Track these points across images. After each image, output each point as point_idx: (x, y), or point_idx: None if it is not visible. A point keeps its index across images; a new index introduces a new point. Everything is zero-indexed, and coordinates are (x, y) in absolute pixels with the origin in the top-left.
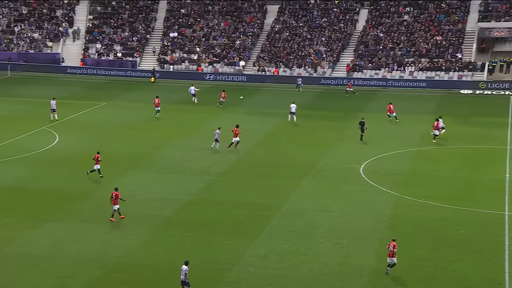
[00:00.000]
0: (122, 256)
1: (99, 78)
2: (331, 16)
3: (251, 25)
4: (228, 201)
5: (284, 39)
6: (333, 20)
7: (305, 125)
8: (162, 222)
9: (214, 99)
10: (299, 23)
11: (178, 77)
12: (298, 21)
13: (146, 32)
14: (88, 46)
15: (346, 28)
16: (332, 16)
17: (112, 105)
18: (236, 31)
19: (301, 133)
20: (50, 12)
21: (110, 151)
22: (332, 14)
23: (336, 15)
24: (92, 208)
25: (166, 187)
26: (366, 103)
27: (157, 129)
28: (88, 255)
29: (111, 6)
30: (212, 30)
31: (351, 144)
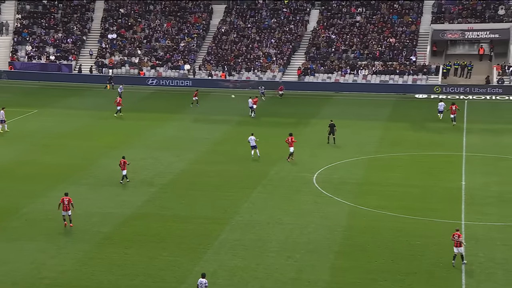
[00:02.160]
0: (56, 277)
1: (30, 83)
2: (280, 16)
3: (196, 26)
4: (173, 214)
5: (232, 41)
6: (283, 21)
7: (256, 132)
8: (101, 238)
9: (156, 105)
10: (247, 24)
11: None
12: (246, 21)
13: (82, 33)
14: (16, 48)
15: (296, 30)
16: (282, 17)
17: (45, 112)
18: (180, 33)
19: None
20: None
21: (41, 163)
22: (282, 15)
23: (286, 15)
24: (21, 226)
25: (105, 200)
26: (319, 109)
27: (94, 138)
28: (17, 277)
29: (42, 5)
30: (154, 32)
31: (304, 152)
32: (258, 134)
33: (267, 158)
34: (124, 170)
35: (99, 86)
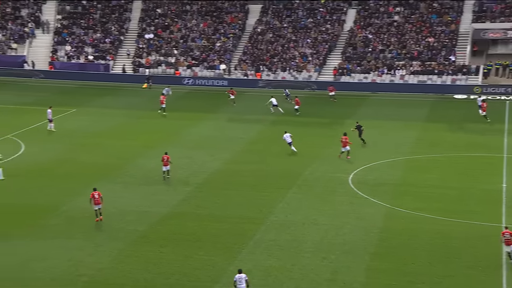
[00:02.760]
0: (93, 275)
1: (69, 82)
2: (317, 16)
3: (232, 26)
4: (208, 214)
5: (268, 40)
6: (320, 20)
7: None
8: (137, 237)
9: (192, 105)
10: (283, 24)
11: (157, 82)
12: (282, 21)
13: (119, 33)
14: (56, 48)
15: (333, 29)
16: (318, 17)
17: (83, 111)
18: (216, 33)
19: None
20: (15, 11)
21: (79, 161)
22: (318, 15)
23: (323, 15)
24: (60, 223)
25: (141, 199)
26: (355, 109)
27: (130, 138)
28: (56, 274)
29: (82, 6)
30: (191, 32)
31: (338, 153)
32: (293, 134)
33: (302, 158)
34: (166, 166)
35: (136, 86)
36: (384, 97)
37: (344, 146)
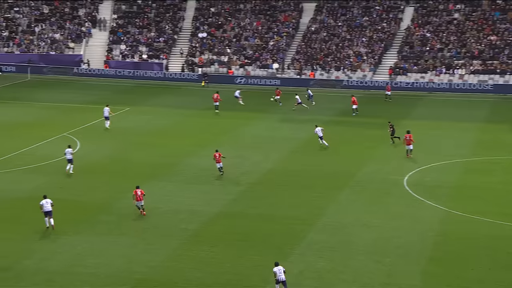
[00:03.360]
0: (146, 272)
1: (124, 81)
2: (373, 14)
3: (286, 25)
4: (260, 214)
5: (322, 39)
6: (375, 19)
7: (343, 133)
8: (188, 236)
9: (245, 104)
10: (338, 23)
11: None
12: (336, 20)
13: (173, 32)
14: (111, 47)
15: (389, 28)
16: (374, 15)
17: (136, 110)
18: (270, 31)
19: (339, 142)
20: (73, 11)
21: (132, 160)
22: (374, 13)
23: (379, 13)
24: (114, 220)
25: (192, 198)
26: (411, 109)
27: (183, 137)
28: (110, 270)
29: (137, 5)
30: (244, 30)
31: (394, 154)
32: (345, 135)
33: (356, 159)
34: (219, 162)
35: (190, 85)
36: (441, 97)
37: (408, 145)
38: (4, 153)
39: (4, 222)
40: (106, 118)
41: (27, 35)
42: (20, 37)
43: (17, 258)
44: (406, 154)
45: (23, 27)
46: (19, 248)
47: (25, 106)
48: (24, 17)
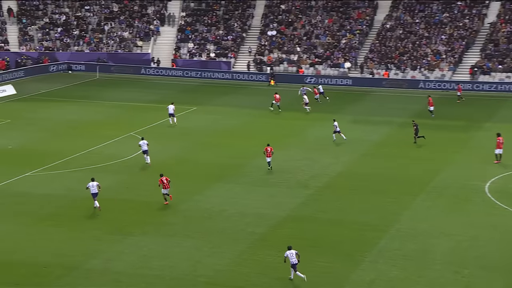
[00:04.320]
0: (212, 276)
1: (191, 80)
2: (454, 10)
3: (359, 22)
4: (329, 218)
5: (397, 37)
6: (456, 15)
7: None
8: (255, 240)
9: (316, 105)
10: (415, 19)
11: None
12: (414, 17)
13: (242, 30)
14: (179, 45)
15: (471, 24)
16: (455, 11)
17: (203, 110)
18: (342, 29)
19: (414, 145)
20: (141, 9)
21: (198, 161)
22: (455, 9)
23: (460, 9)
24: (179, 222)
25: (259, 201)
26: (494, 111)
27: (250, 137)
28: (175, 273)
29: (206, 2)
30: (315, 28)
31: (475, 159)
32: (422, 139)
33: (433, 163)
34: (269, 157)
35: (258, 84)
36: None
37: (498, 148)
38: (72, 152)
39: (73, 221)
40: (171, 115)
41: (97, 34)
42: (90, 35)
43: (85, 258)
44: (495, 159)
45: (93, 26)
46: (87, 248)
47: (93, 105)
48: (94, 16)
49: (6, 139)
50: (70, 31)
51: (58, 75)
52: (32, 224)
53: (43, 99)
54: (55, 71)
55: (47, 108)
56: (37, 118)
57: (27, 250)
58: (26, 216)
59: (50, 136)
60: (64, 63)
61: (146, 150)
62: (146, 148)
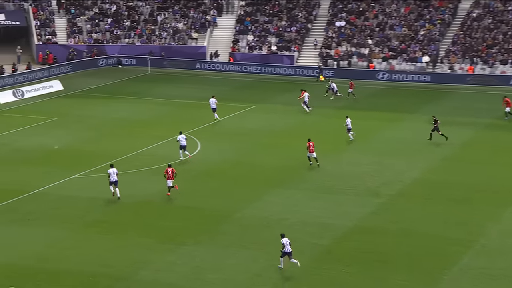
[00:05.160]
0: None
1: (249, 76)
2: None
3: (441, 11)
4: (402, 230)
5: (485, 27)
6: None
7: (507, 139)
8: (319, 252)
9: (387, 103)
10: (508, 7)
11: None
12: (506, 4)
13: (307, 20)
14: (238, 37)
15: None
16: None
17: (262, 108)
18: (420, 19)
19: (506, 149)
20: None
21: (255, 164)
22: None
23: None
24: (235, 231)
25: (323, 210)
26: None
27: (313, 138)
28: (231, 287)
29: None
30: (389, 18)
31: None
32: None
33: None
34: (312, 152)
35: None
36: None
37: None
38: (121, 153)
39: (120, 228)
40: (214, 109)
41: (149, 25)
42: (141, 27)
43: (133, 268)
44: None
45: (145, 16)
46: (136, 257)
47: (144, 102)
48: (146, 5)
49: (53, 139)
50: (121, 22)
51: (107, 70)
52: (78, 230)
53: (91, 95)
54: (104, 65)
55: (95, 105)
56: (85, 115)
57: (73, 258)
58: (72, 222)
59: (97, 136)
60: (113, 57)
61: (184, 145)
62: (185, 143)
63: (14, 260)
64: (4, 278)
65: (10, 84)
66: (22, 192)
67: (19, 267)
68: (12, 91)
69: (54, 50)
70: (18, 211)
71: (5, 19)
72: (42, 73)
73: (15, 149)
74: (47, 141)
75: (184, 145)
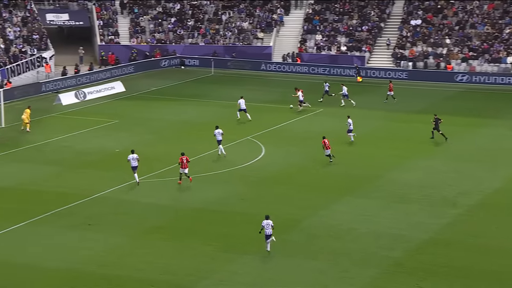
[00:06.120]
0: None
1: (317, 78)
2: None
3: None
4: (483, 244)
5: None
6: None
7: None
8: (390, 265)
9: (465, 107)
10: None
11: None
12: None
13: (380, 19)
14: (305, 37)
15: None
16: None
17: (330, 112)
18: (506, 16)
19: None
20: None
21: (324, 170)
22: None
23: None
24: (302, 241)
25: (396, 220)
26: None
27: (385, 144)
28: None
29: None
30: (470, 16)
31: None
32: None
33: None
34: (328, 149)
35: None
36: None
37: None
38: None
39: (180, 235)
40: (244, 110)
41: (213, 24)
42: (205, 26)
43: (194, 277)
44: None
45: (209, 15)
46: (197, 266)
47: (207, 104)
48: (211, 4)
49: (114, 141)
50: (184, 22)
51: (170, 71)
52: (137, 236)
53: (152, 97)
54: (166, 66)
55: (157, 108)
56: (146, 118)
57: (132, 265)
58: (131, 228)
59: (158, 139)
60: (176, 57)
61: (221, 140)
62: (221, 138)
63: (75, 265)
64: (65, 283)
65: (73, 86)
66: (83, 196)
67: (80, 273)
68: (74, 93)
69: (116, 51)
70: (79, 215)
71: (69, 19)
72: (104, 74)
73: (76, 151)
74: (108, 144)
75: (220, 139)
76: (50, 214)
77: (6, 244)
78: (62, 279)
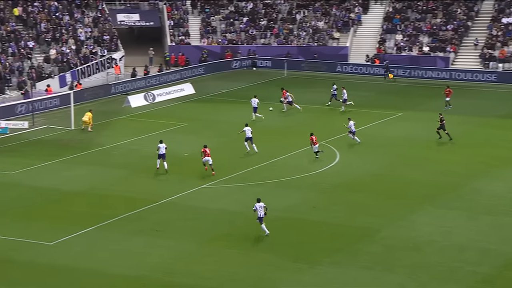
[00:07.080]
0: None
1: (398, 80)
2: None
3: None
4: None
5: None
6: None
7: None
8: (477, 281)
9: None
10: None
11: (509, 81)
12: None
13: (467, 17)
14: (385, 37)
15: None
16: None
17: (410, 116)
18: None
19: None
20: None
21: (402, 177)
22: None
23: None
24: (379, 252)
25: (482, 233)
26: None
27: (470, 151)
28: None
29: None
30: None
31: None
32: None
33: None
34: (315, 144)
35: (484, 86)
36: None
37: None
38: (252, 162)
39: (249, 243)
40: (255, 109)
41: (287, 24)
42: (279, 26)
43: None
44: None
45: (283, 15)
46: (265, 276)
47: (278, 107)
48: (285, 3)
49: (182, 145)
50: (257, 21)
51: (241, 72)
52: (205, 243)
53: (222, 99)
54: (237, 67)
55: (227, 110)
56: (215, 121)
57: (200, 273)
58: (199, 235)
59: (228, 143)
60: (248, 59)
61: (250, 137)
62: (250, 135)
63: (142, 272)
64: None
65: (142, 87)
66: (151, 201)
67: (147, 280)
68: (143, 95)
69: (187, 51)
70: (147, 221)
71: (140, 20)
72: (174, 76)
73: (144, 155)
74: (177, 148)
75: (249, 136)
76: (118, 219)
77: (74, 248)
78: (128, 285)
